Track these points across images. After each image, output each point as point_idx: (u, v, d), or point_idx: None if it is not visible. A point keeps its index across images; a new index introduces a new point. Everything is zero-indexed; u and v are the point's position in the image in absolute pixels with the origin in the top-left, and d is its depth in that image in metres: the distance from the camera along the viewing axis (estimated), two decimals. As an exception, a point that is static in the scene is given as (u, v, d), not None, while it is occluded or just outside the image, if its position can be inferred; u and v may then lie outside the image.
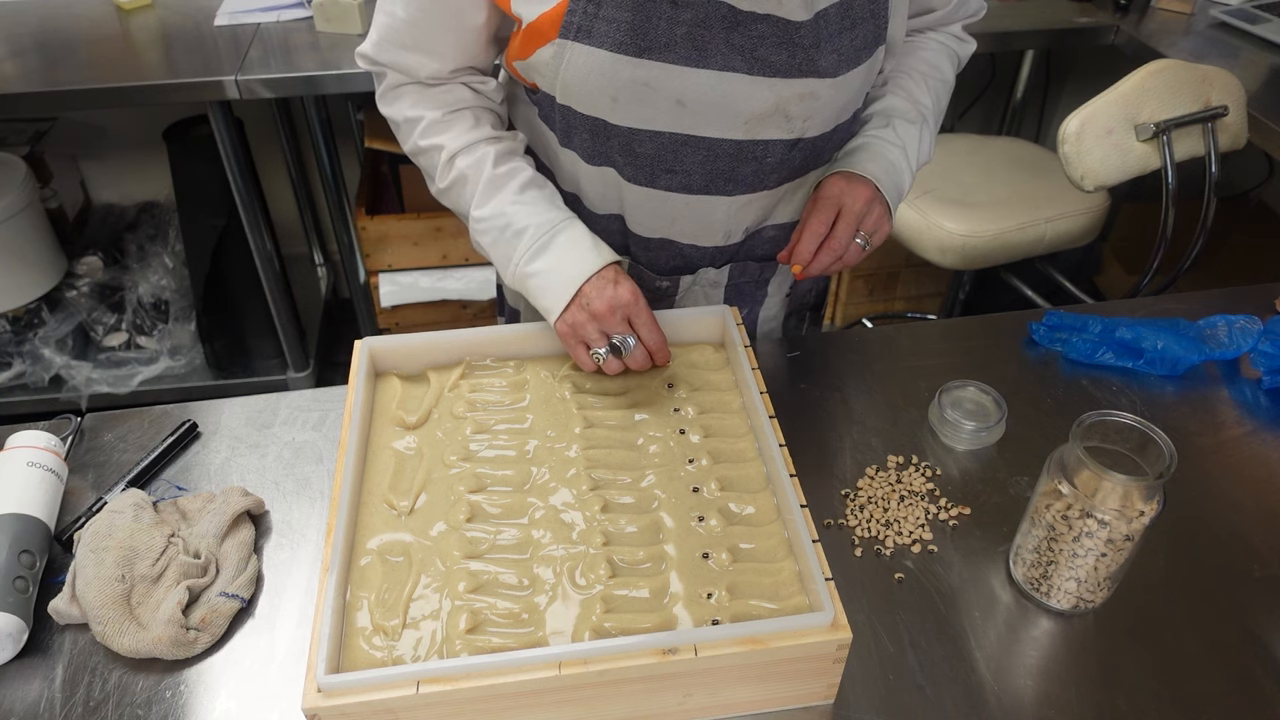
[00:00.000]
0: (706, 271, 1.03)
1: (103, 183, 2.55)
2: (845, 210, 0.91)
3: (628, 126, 0.87)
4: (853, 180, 0.93)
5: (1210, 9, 2.07)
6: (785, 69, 0.83)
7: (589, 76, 0.84)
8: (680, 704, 0.70)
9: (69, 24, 1.99)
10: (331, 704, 0.63)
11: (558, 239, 0.91)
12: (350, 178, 2.39)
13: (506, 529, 0.78)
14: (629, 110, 0.86)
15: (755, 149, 0.89)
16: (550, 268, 0.90)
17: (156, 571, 0.79)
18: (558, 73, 0.85)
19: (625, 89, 0.84)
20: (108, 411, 1.01)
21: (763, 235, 1.02)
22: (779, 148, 0.90)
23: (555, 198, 0.95)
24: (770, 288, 1.08)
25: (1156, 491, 0.73)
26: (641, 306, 0.90)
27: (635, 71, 0.82)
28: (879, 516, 0.88)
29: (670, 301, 1.05)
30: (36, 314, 2.25)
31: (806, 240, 0.92)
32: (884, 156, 0.95)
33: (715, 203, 0.94)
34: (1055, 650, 0.78)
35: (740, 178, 0.92)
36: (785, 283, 1.09)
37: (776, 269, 1.07)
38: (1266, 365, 1.03)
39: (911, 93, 1.00)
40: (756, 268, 1.05)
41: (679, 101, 0.84)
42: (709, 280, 1.04)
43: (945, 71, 1.04)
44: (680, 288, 1.04)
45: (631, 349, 0.89)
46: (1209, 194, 1.74)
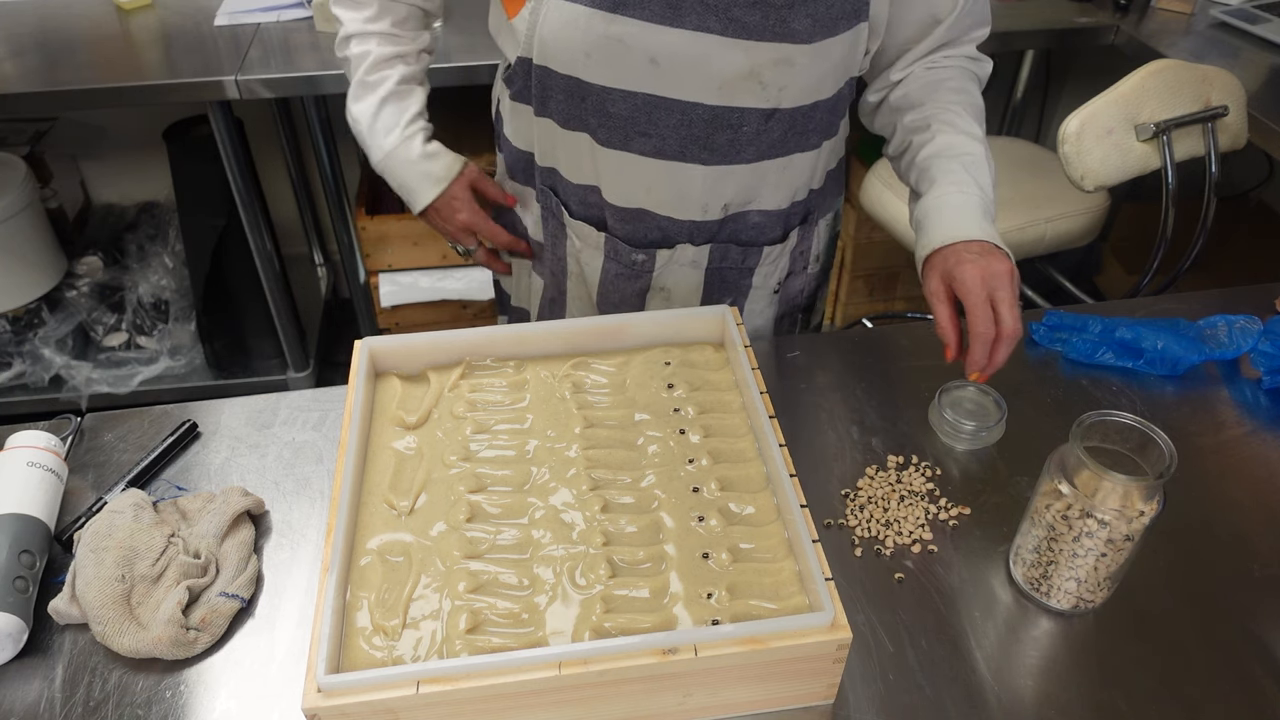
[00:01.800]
0: (685, 249, 1.02)
1: (103, 183, 2.54)
2: (1000, 296, 0.84)
3: (601, 85, 0.88)
4: (985, 258, 0.85)
5: (1210, 9, 2.06)
6: (758, 30, 0.84)
7: (563, 30, 0.86)
8: (680, 704, 0.70)
9: (69, 24, 1.99)
10: (331, 704, 0.63)
11: (393, 166, 1.07)
12: (350, 178, 2.39)
13: (506, 529, 0.78)
14: (602, 68, 0.87)
15: (730, 116, 0.90)
16: (399, 189, 1.10)
17: (156, 571, 0.79)
18: (535, 30, 0.87)
19: (598, 45, 0.85)
20: (108, 411, 1.01)
21: (747, 220, 1.02)
22: (754, 116, 0.90)
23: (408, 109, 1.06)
24: (755, 279, 1.07)
25: (1156, 491, 0.73)
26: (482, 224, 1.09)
27: (609, 27, 0.84)
28: (879, 516, 0.88)
29: (649, 279, 1.05)
30: (36, 314, 2.25)
31: (978, 349, 0.84)
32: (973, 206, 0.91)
33: (691, 171, 0.94)
34: (1055, 650, 0.78)
35: (716, 146, 0.92)
36: (772, 275, 1.08)
37: (761, 258, 1.05)
38: (1266, 365, 1.03)
39: (956, 124, 0.97)
40: (740, 253, 1.04)
41: (652, 60, 0.85)
42: (687, 258, 1.03)
43: (974, 94, 1.01)
44: (657, 263, 1.04)
45: (474, 253, 1.14)
46: (1209, 194, 1.74)
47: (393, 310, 2.36)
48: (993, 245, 0.87)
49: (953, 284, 0.85)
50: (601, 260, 1.05)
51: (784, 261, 1.08)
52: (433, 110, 1.10)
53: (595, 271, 1.06)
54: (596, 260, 1.05)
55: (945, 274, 0.86)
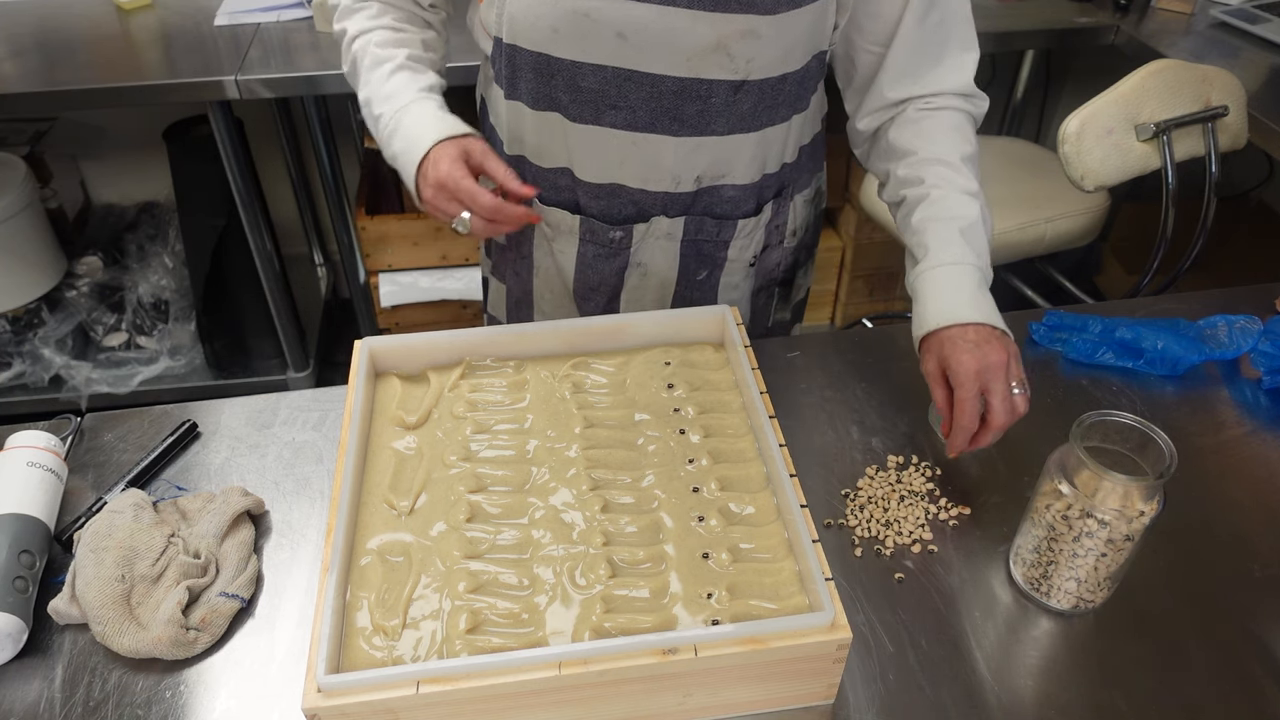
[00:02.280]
0: (660, 221, 1.02)
1: (103, 183, 2.54)
2: (993, 389, 0.83)
3: (570, 59, 0.89)
4: (982, 349, 0.84)
5: (1210, 9, 2.06)
6: (724, 3, 0.84)
7: (531, 7, 0.87)
8: (680, 704, 0.70)
9: (69, 24, 1.99)
10: (331, 704, 0.63)
11: (404, 121, 0.95)
12: (350, 178, 2.39)
13: (506, 529, 0.78)
14: (570, 43, 0.88)
15: (699, 88, 0.90)
16: (402, 150, 0.96)
17: (156, 571, 0.79)
18: (504, 8, 0.88)
19: (565, 19, 0.86)
20: (108, 411, 1.01)
21: (720, 194, 1.02)
22: (723, 88, 0.91)
23: (420, 79, 0.99)
24: (731, 251, 1.07)
25: (1156, 491, 0.73)
26: (459, 180, 0.91)
27: (576, 3, 0.85)
28: (879, 516, 0.88)
29: (626, 256, 1.05)
30: (36, 314, 2.25)
31: (959, 437, 0.85)
32: (969, 281, 0.89)
33: (662, 142, 0.95)
34: (1055, 650, 0.78)
35: (685, 117, 0.93)
36: (748, 249, 1.08)
37: (736, 230, 1.05)
38: (1266, 365, 1.03)
39: (951, 180, 0.94)
40: (714, 225, 1.04)
41: (619, 34, 0.86)
42: (663, 231, 1.03)
43: (969, 139, 0.97)
44: (634, 238, 1.04)
45: (469, 224, 0.92)
46: (1209, 194, 1.74)
47: (393, 310, 2.36)
48: (990, 329, 0.85)
49: (947, 372, 0.85)
50: (576, 245, 1.05)
51: (759, 234, 1.08)
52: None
53: (570, 259, 1.06)
54: (571, 246, 1.05)
55: (941, 359, 0.86)
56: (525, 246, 1.09)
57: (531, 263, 1.10)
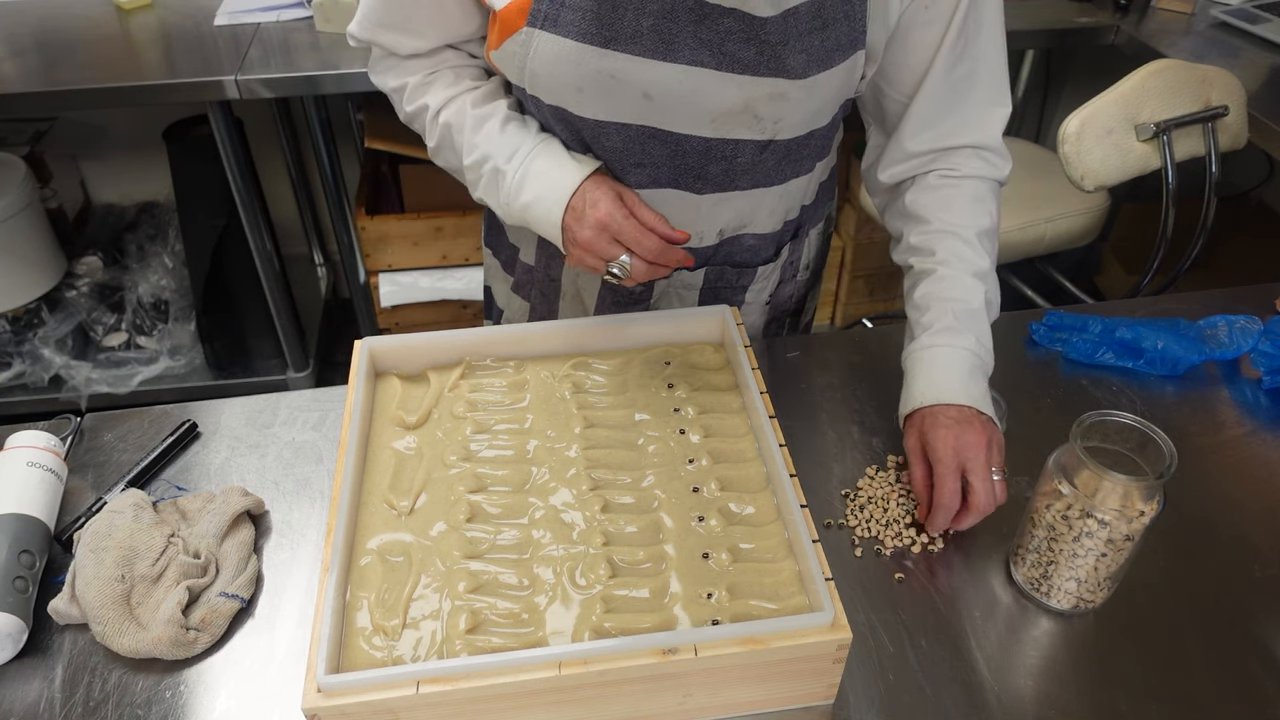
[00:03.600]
0: (680, 275, 1.02)
1: (103, 183, 2.54)
2: (972, 469, 0.81)
3: (594, 119, 0.87)
4: (960, 427, 0.82)
5: (1210, 9, 2.06)
6: (753, 66, 0.83)
7: (555, 66, 0.84)
8: (680, 704, 0.70)
9: (69, 24, 1.99)
10: (331, 704, 0.63)
11: (534, 166, 0.89)
12: (350, 178, 2.39)
13: (506, 529, 0.78)
14: (595, 102, 0.86)
15: (724, 148, 0.89)
16: (541, 194, 0.88)
17: (156, 571, 0.79)
18: (525, 62, 0.85)
19: (590, 79, 0.84)
20: (108, 411, 1.01)
21: (741, 242, 1.01)
22: (749, 148, 0.89)
23: (532, 125, 0.92)
24: (749, 295, 1.07)
25: (1156, 491, 0.73)
26: (621, 221, 0.85)
27: (601, 62, 0.82)
28: (879, 516, 0.88)
29: (645, 306, 1.05)
30: (36, 314, 2.25)
31: (939, 517, 0.83)
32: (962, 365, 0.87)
33: (684, 199, 0.93)
34: (1055, 650, 0.78)
35: (710, 176, 0.91)
36: (764, 290, 1.08)
37: (755, 276, 1.05)
38: (1266, 365, 1.03)
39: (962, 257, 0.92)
40: (734, 273, 1.04)
41: (645, 94, 0.84)
42: (683, 283, 1.03)
43: (990, 211, 0.96)
44: (654, 291, 1.04)
45: (629, 269, 0.85)
46: (1209, 194, 1.74)
47: (393, 310, 2.36)
48: (973, 412, 0.84)
49: (926, 448, 0.84)
50: (599, 287, 1.05)
51: (775, 276, 1.07)
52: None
53: (593, 296, 1.06)
54: (594, 285, 1.05)
55: (921, 435, 0.85)
56: (554, 270, 1.07)
57: (559, 286, 1.08)
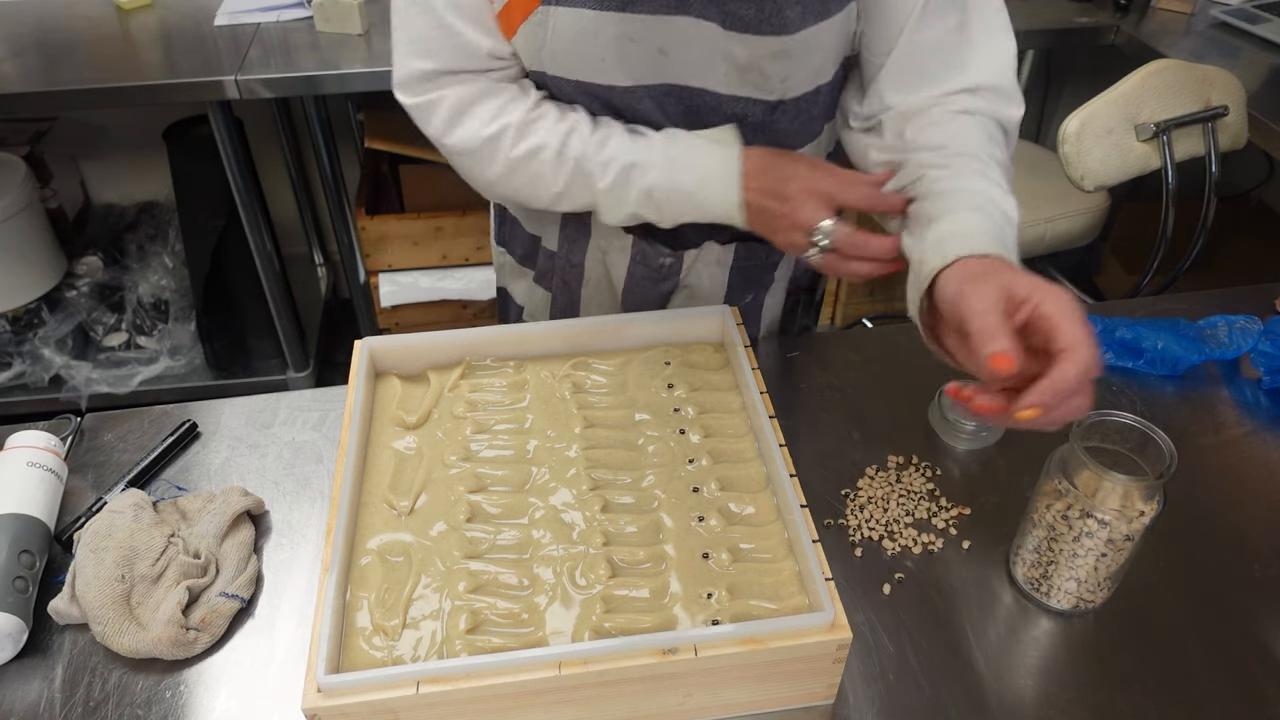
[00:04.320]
0: (710, 247, 1.02)
1: (103, 183, 2.54)
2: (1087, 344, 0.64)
3: (619, 85, 0.88)
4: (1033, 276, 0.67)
5: (1210, 9, 2.06)
6: (754, 25, 0.84)
7: (577, 40, 0.85)
8: (680, 704, 0.70)
9: (69, 24, 1.99)
10: (331, 704, 0.63)
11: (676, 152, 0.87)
12: (350, 178, 2.39)
13: (506, 529, 0.78)
14: (616, 68, 0.87)
15: (736, 105, 0.90)
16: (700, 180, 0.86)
17: (156, 571, 0.79)
18: (545, 42, 0.86)
19: (611, 47, 0.85)
20: (108, 411, 1.01)
21: None
22: (760, 109, 0.90)
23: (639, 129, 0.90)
24: (778, 273, 1.07)
25: (1156, 491, 0.73)
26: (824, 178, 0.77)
27: (620, 26, 0.83)
28: (879, 516, 0.88)
29: (675, 281, 1.04)
30: (36, 314, 2.25)
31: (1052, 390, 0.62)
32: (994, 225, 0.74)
33: None
34: (1055, 650, 0.78)
35: None
36: (790, 267, 1.09)
37: (785, 254, 1.05)
38: (1266, 365, 1.03)
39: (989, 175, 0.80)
40: (763, 250, 1.04)
41: (660, 50, 0.85)
42: (713, 258, 1.03)
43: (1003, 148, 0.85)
44: (684, 263, 1.03)
45: (833, 234, 0.76)
46: (1209, 194, 1.74)
47: (393, 310, 2.36)
48: None
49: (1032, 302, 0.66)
50: (627, 264, 1.04)
51: None
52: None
53: (621, 274, 1.05)
54: (622, 262, 1.04)
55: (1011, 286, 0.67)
56: (577, 255, 1.07)
57: (582, 272, 1.08)
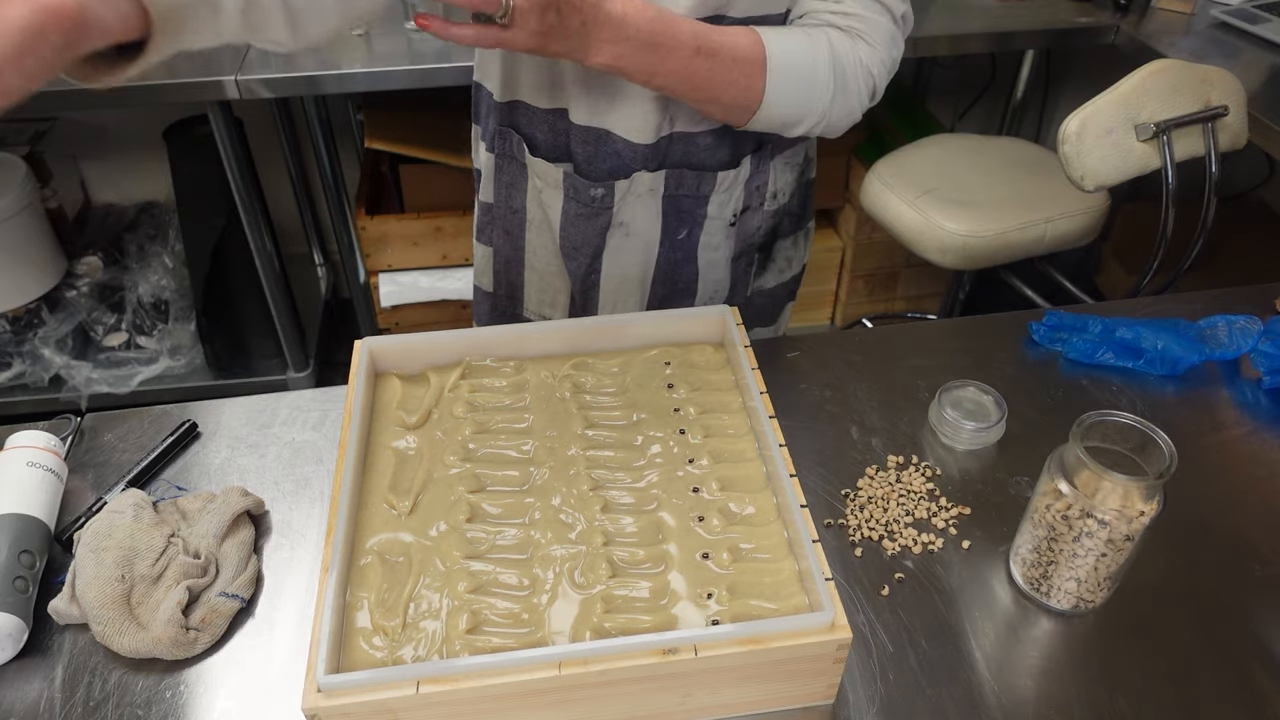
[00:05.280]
0: (641, 176, 1.03)
1: (103, 183, 2.55)
2: None
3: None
4: None
5: (1210, 9, 2.07)
6: None
7: None
8: (680, 704, 0.70)
9: (69, 24, 1.99)
10: (331, 704, 0.63)
11: None
12: (350, 178, 2.39)
13: (506, 529, 0.78)
14: None
15: None
16: None
17: (156, 571, 0.79)
18: None
19: None
20: (108, 411, 1.01)
21: (697, 143, 1.02)
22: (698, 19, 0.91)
23: None
24: (711, 207, 1.08)
25: (1156, 491, 0.73)
26: None
27: None
28: (879, 516, 0.88)
29: (609, 216, 1.06)
30: (36, 314, 2.25)
31: None
32: None
33: None
34: (1055, 650, 0.78)
35: None
36: (727, 206, 1.09)
37: (715, 184, 1.06)
38: (1266, 365, 1.03)
39: None
40: (694, 178, 1.05)
41: None
42: (644, 187, 1.04)
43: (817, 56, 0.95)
44: (616, 194, 1.04)
45: None
46: (1209, 194, 1.74)
47: (393, 310, 2.36)
48: None
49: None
50: (561, 200, 1.06)
51: (738, 192, 1.08)
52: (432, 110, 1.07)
53: (557, 213, 1.08)
54: (557, 200, 1.07)
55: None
56: (517, 199, 1.10)
57: (524, 217, 1.11)
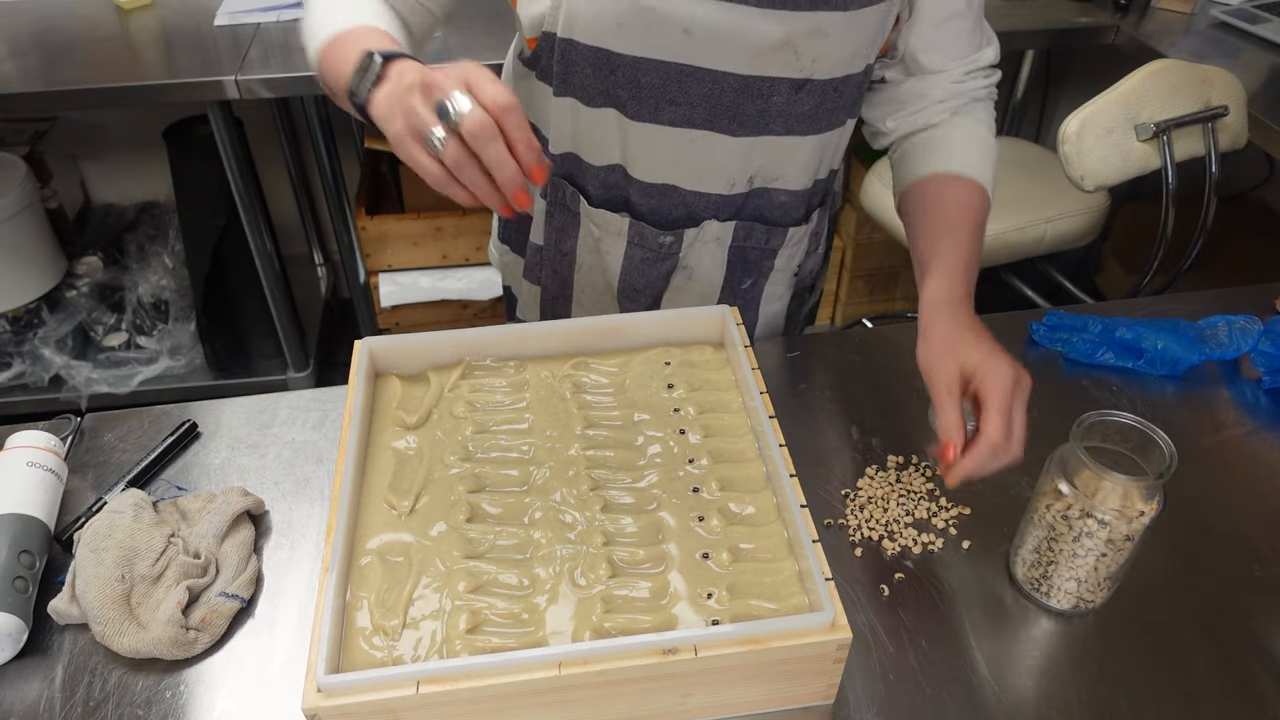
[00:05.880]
0: (710, 225, 1.01)
1: (103, 183, 2.54)
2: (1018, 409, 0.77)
3: (632, 55, 0.86)
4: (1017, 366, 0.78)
5: (1210, 9, 2.06)
6: (796, 1, 0.82)
7: (594, 2, 0.83)
8: (680, 704, 0.70)
9: (69, 24, 1.99)
10: (331, 704, 0.63)
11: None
12: (350, 178, 2.39)
13: (506, 529, 0.78)
14: (633, 37, 0.85)
15: (760, 86, 0.88)
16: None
17: (156, 571, 0.79)
18: (560, 2, 0.85)
19: (630, 14, 0.83)
20: (108, 411, 1.01)
21: (772, 199, 1.00)
22: (785, 87, 0.89)
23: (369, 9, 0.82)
24: (779, 260, 1.06)
25: (1156, 491, 0.73)
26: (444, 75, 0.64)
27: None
28: (879, 516, 0.88)
29: (674, 260, 1.03)
30: (36, 314, 2.25)
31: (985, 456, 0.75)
32: None
33: (718, 140, 0.93)
34: (1055, 650, 0.78)
35: (744, 116, 0.91)
36: (794, 257, 1.08)
37: (786, 238, 1.04)
38: (1266, 365, 1.02)
39: None
40: (764, 232, 1.03)
41: (685, 30, 0.84)
42: (713, 235, 1.02)
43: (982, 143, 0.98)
44: (684, 242, 1.02)
45: (466, 111, 0.62)
46: (1209, 194, 1.74)
47: (393, 310, 2.36)
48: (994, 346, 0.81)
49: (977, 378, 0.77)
50: (624, 247, 1.03)
51: (804, 244, 1.07)
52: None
53: (617, 260, 1.04)
54: (619, 248, 1.03)
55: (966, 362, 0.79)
56: (567, 244, 1.06)
57: (574, 260, 1.07)
